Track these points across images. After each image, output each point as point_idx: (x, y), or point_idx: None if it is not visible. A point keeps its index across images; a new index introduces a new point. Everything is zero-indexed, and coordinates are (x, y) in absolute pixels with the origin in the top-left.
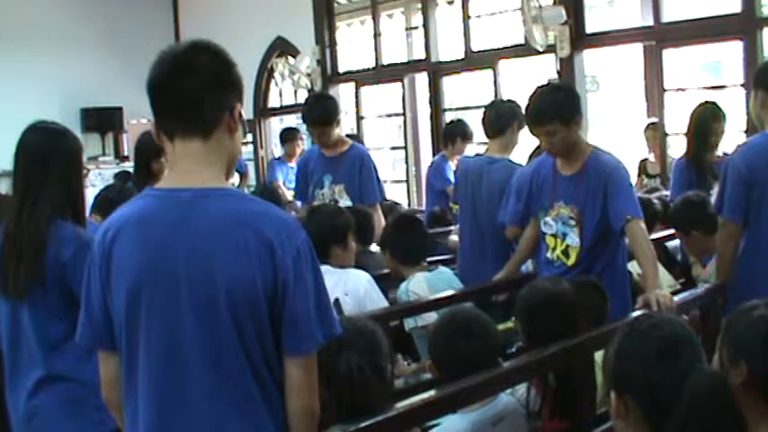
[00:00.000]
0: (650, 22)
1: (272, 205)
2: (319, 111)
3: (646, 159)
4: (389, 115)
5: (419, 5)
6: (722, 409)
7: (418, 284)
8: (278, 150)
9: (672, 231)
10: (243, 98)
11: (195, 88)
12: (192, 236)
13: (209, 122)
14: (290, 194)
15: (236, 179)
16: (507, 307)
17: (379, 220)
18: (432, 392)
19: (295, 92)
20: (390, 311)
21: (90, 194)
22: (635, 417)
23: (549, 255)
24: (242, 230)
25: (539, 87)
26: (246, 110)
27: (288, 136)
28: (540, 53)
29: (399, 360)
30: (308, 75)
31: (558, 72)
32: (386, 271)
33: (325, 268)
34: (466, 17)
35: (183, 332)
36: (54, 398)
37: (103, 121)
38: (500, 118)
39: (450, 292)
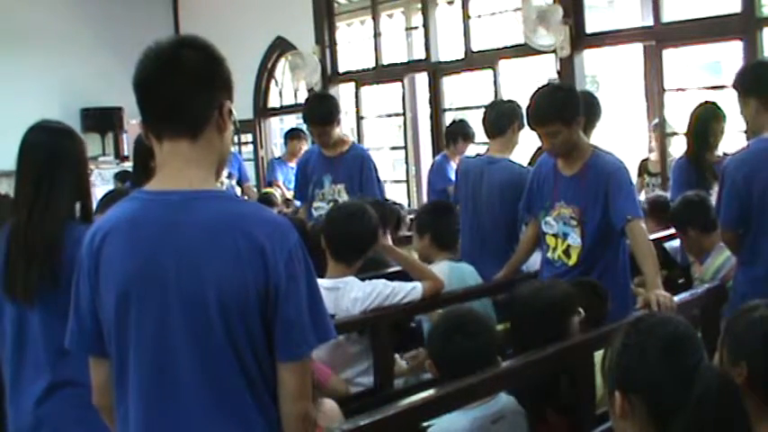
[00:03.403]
0: (650, 22)
1: (263, 206)
2: (320, 110)
3: (647, 159)
4: (389, 115)
5: (419, 5)
6: (732, 408)
7: (440, 274)
8: (278, 150)
9: (671, 231)
10: (233, 95)
11: (182, 86)
12: (182, 240)
13: (197, 122)
14: (289, 194)
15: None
16: (508, 306)
17: None
18: (431, 391)
19: (295, 92)
20: (392, 311)
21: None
22: (640, 416)
23: (549, 255)
24: (233, 234)
25: (539, 88)
26: (246, 110)
27: (292, 134)
28: (542, 53)
29: (397, 360)
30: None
31: (558, 72)
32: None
33: (352, 279)
34: (466, 17)
35: (174, 337)
36: (63, 405)
37: (103, 121)
38: (500, 118)
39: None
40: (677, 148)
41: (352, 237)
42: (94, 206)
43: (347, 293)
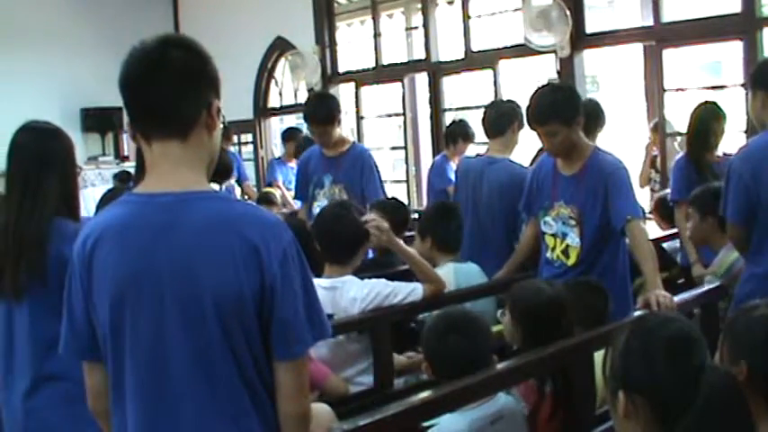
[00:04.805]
0: (650, 22)
1: (257, 206)
2: (321, 109)
3: (656, 155)
4: (389, 115)
5: (419, 5)
6: (737, 408)
7: (445, 277)
8: (278, 150)
9: (672, 231)
10: (220, 93)
11: (170, 86)
12: (176, 243)
13: (186, 122)
14: (289, 195)
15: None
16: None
17: None
18: (431, 391)
19: (295, 92)
20: (392, 311)
21: (90, 194)
22: (644, 416)
23: (548, 255)
24: (226, 236)
25: (539, 87)
26: (246, 110)
27: (290, 135)
28: (542, 53)
29: (395, 356)
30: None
31: (558, 72)
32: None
33: (351, 279)
34: (466, 17)
35: (170, 342)
36: (50, 399)
37: (103, 121)
38: (500, 118)
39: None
40: (678, 147)
41: (338, 237)
42: (93, 204)
43: (345, 293)
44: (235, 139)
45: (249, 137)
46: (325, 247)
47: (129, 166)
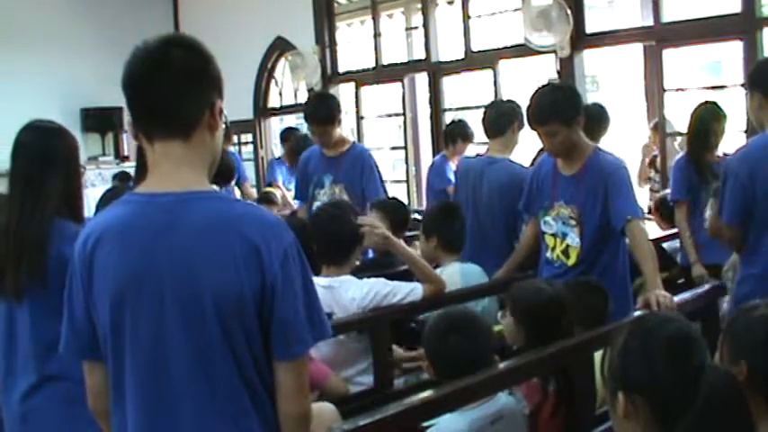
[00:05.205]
0: (650, 22)
1: (258, 206)
2: (321, 109)
3: (656, 155)
4: (389, 115)
5: (419, 5)
6: (738, 409)
7: (452, 277)
8: (278, 150)
9: (671, 232)
10: (223, 93)
11: (172, 86)
12: (176, 243)
13: (189, 122)
14: (289, 195)
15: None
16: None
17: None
18: (431, 391)
19: (295, 92)
20: (391, 310)
21: (90, 194)
22: (644, 416)
23: (548, 255)
24: (227, 236)
25: (539, 87)
26: (246, 110)
27: (287, 136)
28: (542, 53)
29: (396, 349)
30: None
31: (558, 72)
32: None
33: (349, 279)
34: (466, 17)
35: (170, 342)
36: (49, 400)
37: (103, 121)
38: (500, 118)
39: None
40: (678, 147)
41: (334, 237)
42: (93, 204)
43: (344, 292)
44: (235, 139)
45: (249, 137)
46: (320, 247)
47: (129, 166)
